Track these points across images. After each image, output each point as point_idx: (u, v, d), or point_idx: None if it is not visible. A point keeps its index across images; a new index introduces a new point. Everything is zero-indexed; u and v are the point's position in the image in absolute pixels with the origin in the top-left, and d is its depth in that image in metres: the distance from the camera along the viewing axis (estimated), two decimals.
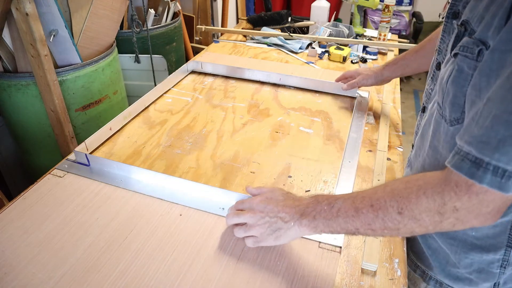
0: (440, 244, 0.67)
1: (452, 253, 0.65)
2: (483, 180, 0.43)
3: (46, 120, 1.29)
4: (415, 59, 0.93)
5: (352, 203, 0.55)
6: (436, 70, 0.65)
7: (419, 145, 0.69)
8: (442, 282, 0.69)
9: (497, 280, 0.64)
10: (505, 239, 0.59)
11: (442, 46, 0.62)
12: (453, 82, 0.53)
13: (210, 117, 1.04)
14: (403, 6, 3.44)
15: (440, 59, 0.63)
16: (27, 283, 0.58)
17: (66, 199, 0.73)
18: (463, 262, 0.65)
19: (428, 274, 0.71)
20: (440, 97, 0.58)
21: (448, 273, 0.68)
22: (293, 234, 0.59)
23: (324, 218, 0.56)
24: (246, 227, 0.62)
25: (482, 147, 0.44)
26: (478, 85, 0.48)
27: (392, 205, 0.50)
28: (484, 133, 0.44)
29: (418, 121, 0.74)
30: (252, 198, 0.65)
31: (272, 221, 0.60)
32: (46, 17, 1.19)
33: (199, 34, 2.38)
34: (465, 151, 0.46)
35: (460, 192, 0.46)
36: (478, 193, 0.45)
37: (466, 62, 0.51)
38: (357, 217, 0.53)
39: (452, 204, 0.46)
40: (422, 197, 0.48)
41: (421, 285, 0.74)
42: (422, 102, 0.71)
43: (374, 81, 1.04)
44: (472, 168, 0.44)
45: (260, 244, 0.62)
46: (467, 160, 0.45)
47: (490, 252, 0.61)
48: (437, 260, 0.69)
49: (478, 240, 0.62)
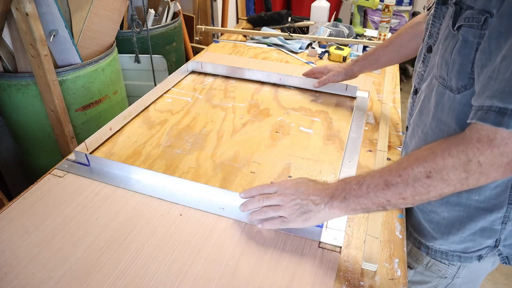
0: (442, 216, 0.71)
1: (458, 221, 0.69)
2: (510, 125, 0.47)
3: (46, 120, 1.29)
4: (384, 53, 0.99)
5: (380, 177, 0.57)
6: (427, 53, 0.70)
7: (416, 123, 0.73)
8: (448, 252, 0.73)
9: (498, 236, 0.69)
10: (506, 197, 0.64)
11: (433, 30, 0.68)
12: (459, 52, 0.57)
13: (210, 117, 1.04)
14: (403, 6, 3.44)
15: (431, 42, 0.69)
16: (27, 283, 0.58)
17: (66, 199, 0.73)
18: (468, 225, 0.69)
19: (433, 248, 0.75)
20: (444, 70, 0.61)
21: (452, 241, 0.72)
22: (323, 217, 0.62)
23: (355, 196, 0.59)
24: (275, 207, 0.64)
25: (505, 97, 0.47)
26: (488, 49, 0.52)
27: (420, 171, 0.54)
28: (506, 85, 0.47)
29: (411, 103, 0.78)
30: (281, 182, 0.68)
31: (303, 203, 0.63)
32: (46, 17, 1.19)
33: (199, 34, 2.38)
34: (487, 105, 0.49)
35: (483, 147, 0.49)
36: (500, 146, 0.48)
37: (471, 32, 0.55)
38: (387, 190, 0.56)
39: (477, 159, 0.50)
40: (448, 157, 0.52)
41: (424, 260, 0.78)
42: (414, 84, 0.77)
43: (344, 77, 1.08)
44: (498, 117, 0.48)
45: (288, 226, 0.64)
46: (491, 112, 0.49)
47: (493, 212, 0.66)
48: (439, 232, 0.72)
49: (481, 203, 0.66)
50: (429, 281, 0.81)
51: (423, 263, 0.79)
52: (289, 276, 0.60)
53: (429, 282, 0.81)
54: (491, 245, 0.70)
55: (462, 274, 0.77)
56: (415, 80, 0.76)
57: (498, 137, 0.48)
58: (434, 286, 0.81)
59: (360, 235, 0.69)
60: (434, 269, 0.78)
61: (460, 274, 0.77)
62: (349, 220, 0.72)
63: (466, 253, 0.72)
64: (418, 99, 0.73)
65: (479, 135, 0.50)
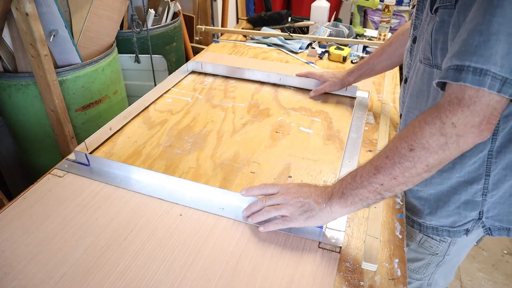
0: (429, 193, 0.77)
1: (443, 195, 0.75)
2: (466, 80, 0.50)
3: (46, 120, 1.29)
4: (379, 62, 1.04)
5: (370, 164, 0.60)
6: (413, 44, 0.76)
7: (411, 106, 0.77)
8: (438, 227, 0.79)
9: (481, 209, 0.74)
10: (483, 170, 0.70)
11: (417, 22, 0.74)
12: (438, 31, 0.63)
13: (210, 117, 1.04)
14: (403, 6, 3.43)
15: (415, 33, 0.75)
16: (27, 283, 0.58)
17: (66, 199, 0.73)
18: (452, 198, 0.74)
19: (424, 224, 0.80)
20: (427, 50, 0.67)
21: (440, 215, 0.77)
22: (325, 216, 0.63)
23: (351, 189, 0.61)
24: (277, 207, 0.66)
25: (461, 55, 0.51)
26: (457, 22, 0.57)
27: (403, 146, 0.56)
28: (462, 44, 0.52)
29: (402, 92, 0.84)
30: (284, 184, 0.70)
31: (305, 202, 0.64)
32: (46, 17, 1.19)
33: (199, 34, 2.38)
34: (448, 65, 0.53)
35: (454, 109, 0.52)
36: (469, 105, 0.51)
37: (446, 13, 0.61)
38: (378, 173, 0.58)
39: (450, 121, 0.53)
40: (424, 126, 0.55)
41: (417, 237, 0.83)
42: (404, 74, 0.81)
43: (339, 87, 1.14)
44: (456, 74, 0.52)
45: (290, 225, 0.65)
46: (450, 70, 0.53)
47: (473, 184, 0.71)
48: (429, 207, 0.78)
49: (461, 177, 0.72)
50: (422, 258, 0.86)
51: (416, 240, 0.84)
52: (289, 276, 0.60)
53: (422, 259, 0.86)
54: (475, 218, 0.75)
55: (452, 251, 0.82)
56: (404, 71, 0.81)
57: (466, 96, 0.51)
58: (427, 264, 0.86)
59: (360, 235, 0.69)
60: (426, 245, 0.83)
61: (451, 252, 0.82)
62: (349, 220, 0.72)
63: (454, 227, 0.77)
64: (408, 86, 0.78)
65: (449, 98, 0.53)
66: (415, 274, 0.89)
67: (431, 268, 0.86)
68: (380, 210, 0.74)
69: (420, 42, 0.71)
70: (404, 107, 0.81)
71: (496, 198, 0.72)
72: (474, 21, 0.51)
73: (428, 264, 0.86)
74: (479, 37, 0.50)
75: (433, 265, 0.85)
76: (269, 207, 0.67)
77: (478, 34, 0.50)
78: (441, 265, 0.85)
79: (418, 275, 0.89)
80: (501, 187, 0.71)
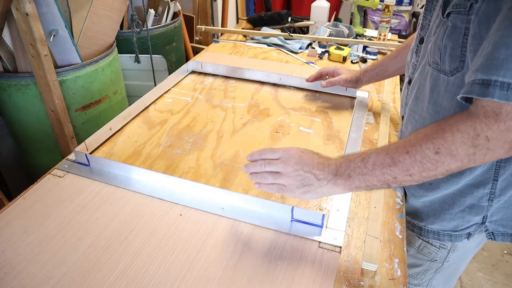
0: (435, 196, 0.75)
1: (449, 197, 0.73)
2: (494, 95, 0.49)
3: (46, 120, 1.29)
4: (393, 64, 1.01)
5: (386, 154, 0.58)
6: (419, 44, 0.75)
7: (412, 109, 0.76)
8: (439, 231, 0.77)
9: (485, 213, 0.72)
10: (491, 174, 0.68)
11: (425, 22, 0.73)
12: (449, 37, 0.62)
13: (210, 117, 1.04)
14: (403, 6, 3.43)
15: (423, 34, 0.73)
16: (27, 283, 0.58)
17: (66, 199, 0.74)
18: (458, 201, 0.72)
19: (425, 229, 0.79)
20: (437, 55, 0.65)
21: (443, 218, 0.75)
22: (323, 192, 0.62)
23: (360, 174, 0.59)
24: (276, 175, 0.63)
25: (487, 69, 0.50)
26: (479, 34, 0.55)
27: (428, 147, 0.55)
28: (487, 58, 0.50)
29: (405, 93, 0.82)
30: (285, 148, 0.65)
31: (305, 176, 0.62)
32: (46, 17, 1.19)
33: (199, 34, 2.38)
34: (472, 79, 0.52)
35: (490, 122, 0.51)
36: (506, 120, 0.50)
37: (459, 18, 0.59)
38: (394, 166, 0.57)
39: (485, 134, 0.51)
40: (457, 133, 0.53)
41: (416, 243, 0.82)
42: (408, 75, 0.80)
43: (353, 85, 1.08)
44: (482, 89, 0.50)
45: (285, 193, 0.63)
46: (475, 84, 0.51)
47: (480, 187, 0.69)
48: (432, 211, 0.76)
49: (469, 180, 0.70)
50: (420, 264, 0.85)
51: (415, 246, 0.82)
52: (289, 276, 0.60)
53: (420, 265, 0.85)
54: (478, 222, 0.74)
55: (452, 258, 0.80)
56: (409, 71, 0.79)
57: (503, 112, 0.50)
58: (425, 270, 0.85)
59: (360, 235, 0.69)
60: (425, 251, 0.82)
61: (450, 258, 0.80)
62: (349, 220, 0.72)
63: (456, 231, 0.75)
64: (412, 88, 0.76)
65: (485, 110, 0.52)
66: (413, 280, 0.88)
67: (429, 274, 0.85)
68: (380, 210, 0.74)
69: (427, 44, 0.70)
70: (406, 109, 0.79)
71: (501, 203, 0.71)
72: (498, 33, 0.50)
73: (427, 270, 0.85)
74: (505, 50, 0.48)
75: (431, 271, 0.85)
76: (267, 173, 0.63)
77: (504, 47, 0.48)
78: (440, 271, 0.84)
79: (416, 281, 0.88)
80: (508, 192, 0.69)
